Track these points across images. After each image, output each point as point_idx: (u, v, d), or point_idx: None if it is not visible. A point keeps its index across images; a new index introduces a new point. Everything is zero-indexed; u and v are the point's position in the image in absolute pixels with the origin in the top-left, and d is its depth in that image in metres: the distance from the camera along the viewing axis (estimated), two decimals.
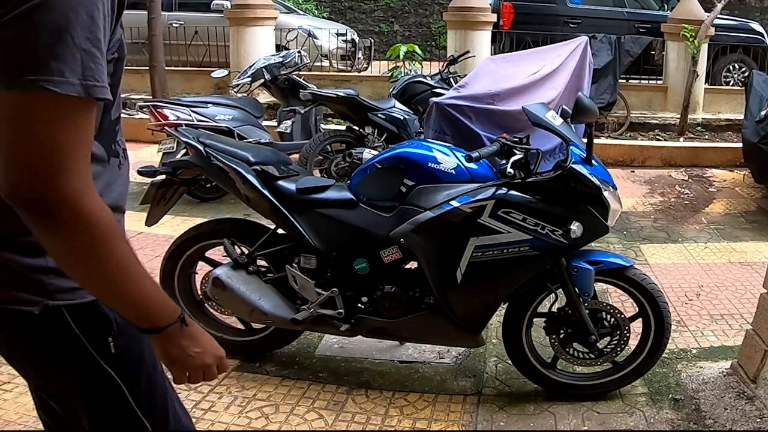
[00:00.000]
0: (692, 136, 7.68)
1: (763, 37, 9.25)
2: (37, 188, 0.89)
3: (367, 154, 4.96)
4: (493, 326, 2.98)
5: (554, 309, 2.53)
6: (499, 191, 2.34)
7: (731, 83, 9.04)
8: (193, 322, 1.17)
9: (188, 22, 9.60)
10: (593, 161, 2.38)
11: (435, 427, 2.39)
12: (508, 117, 4.31)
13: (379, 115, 5.31)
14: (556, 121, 2.38)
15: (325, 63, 9.52)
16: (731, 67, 9.14)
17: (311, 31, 7.67)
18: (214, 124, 4.89)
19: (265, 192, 2.52)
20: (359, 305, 2.57)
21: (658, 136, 7.65)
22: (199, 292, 2.88)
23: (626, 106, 7.92)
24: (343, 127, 5.85)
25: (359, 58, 10.54)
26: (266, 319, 2.62)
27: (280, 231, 2.65)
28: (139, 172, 4.72)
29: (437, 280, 2.42)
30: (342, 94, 5.30)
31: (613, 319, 2.51)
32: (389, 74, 7.68)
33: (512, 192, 2.34)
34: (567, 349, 2.53)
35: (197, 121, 4.85)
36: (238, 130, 4.99)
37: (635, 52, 8.14)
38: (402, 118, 5.37)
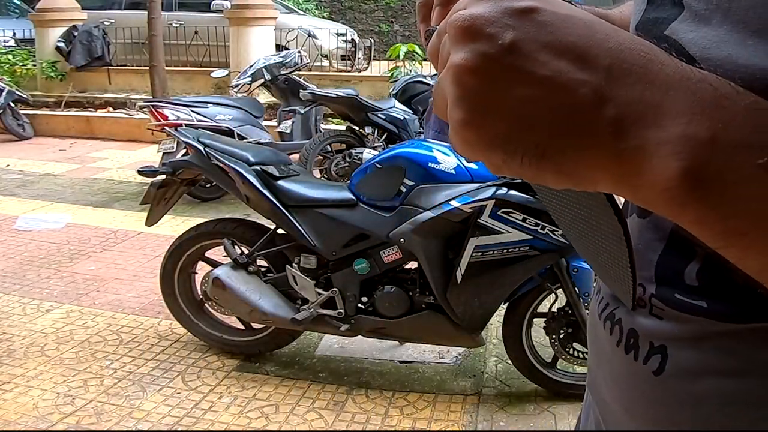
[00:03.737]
0: None
1: None
2: None
3: (367, 154, 4.96)
4: (493, 326, 2.97)
5: (554, 309, 2.53)
6: (499, 191, 2.33)
7: None
8: None
9: (188, 22, 9.61)
10: None
11: (435, 427, 2.39)
12: None
13: (379, 115, 5.31)
14: None
15: (325, 63, 9.53)
16: None
17: (311, 31, 7.68)
18: (214, 124, 4.89)
19: (265, 192, 2.52)
20: (359, 305, 2.57)
21: None
22: (199, 292, 2.88)
23: None
24: (343, 127, 5.86)
25: (359, 58, 10.55)
26: (266, 319, 2.63)
27: (280, 231, 2.65)
28: (139, 172, 4.74)
29: (437, 280, 2.42)
30: (342, 94, 5.31)
31: None
32: (389, 74, 7.69)
33: (512, 192, 2.33)
34: (567, 349, 2.53)
35: (197, 121, 4.85)
36: (238, 130, 4.99)
37: None
38: (402, 118, 5.37)
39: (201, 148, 2.64)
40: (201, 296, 2.88)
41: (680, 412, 0.47)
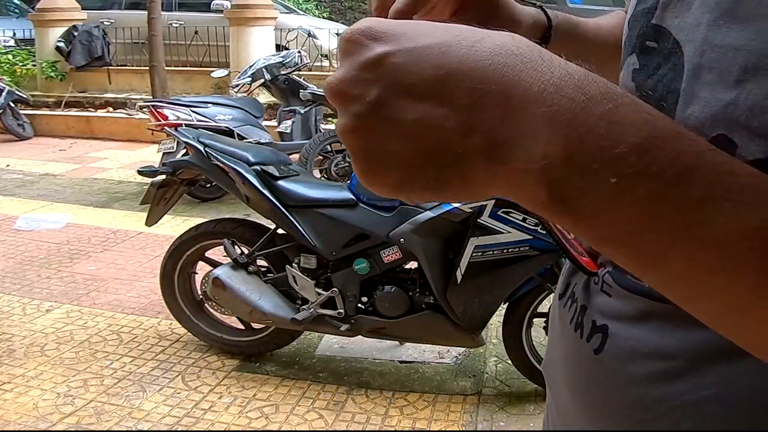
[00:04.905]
0: None
1: None
2: None
3: None
4: (493, 326, 2.97)
5: None
6: None
7: None
8: None
9: (188, 22, 9.61)
10: None
11: (435, 427, 2.39)
12: None
13: None
14: None
15: (325, 63, 9.53)
16: None
17: (311, 31, 7.67)
18: (214, 124, 4.89)
19: (265, 192, 2.52)
20: (359, 305, 2.57)
21: None
22: (199, 292, 2.88)
23: None
24: None
25: None
26: (266, 319, 2.63)
27: (280, 231, 2.65)
28: (139, 172, 4.75)
29: (437, 280, 2.42)
30: None
31: None
32: None
33: None
34: None
35: (197, 121, 4.85)
36: (238, 130, 4.99)
37: None
38: None
39: (201, 148, 2.64)
40: (201, 296, 2.88)
41: (615, 393, 0.48)
